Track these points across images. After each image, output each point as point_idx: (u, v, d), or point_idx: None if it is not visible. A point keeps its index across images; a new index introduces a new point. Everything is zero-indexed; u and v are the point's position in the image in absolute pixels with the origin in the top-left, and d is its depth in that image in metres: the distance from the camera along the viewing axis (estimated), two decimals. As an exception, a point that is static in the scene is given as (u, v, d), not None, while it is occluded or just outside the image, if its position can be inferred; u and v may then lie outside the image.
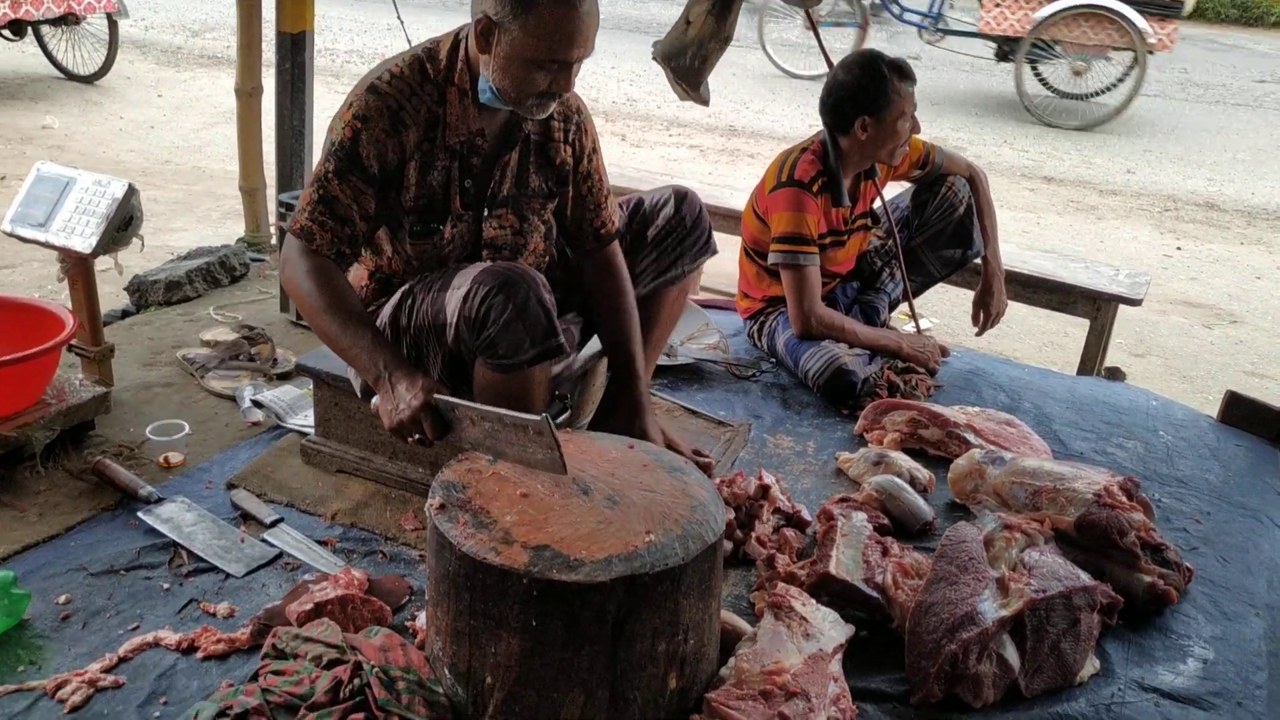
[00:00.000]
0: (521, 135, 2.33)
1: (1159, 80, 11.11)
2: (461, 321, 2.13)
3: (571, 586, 1.61)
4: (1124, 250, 6.20)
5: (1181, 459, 3.00)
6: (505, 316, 2.08)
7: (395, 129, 2.18)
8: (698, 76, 3.53)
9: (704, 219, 2.65)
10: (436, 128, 2.23)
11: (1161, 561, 2.32)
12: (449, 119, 2.23)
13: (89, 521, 2.36)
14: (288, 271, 2.23)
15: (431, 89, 2.22)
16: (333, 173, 2.18)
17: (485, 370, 2.18)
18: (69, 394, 2.62)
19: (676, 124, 8.42)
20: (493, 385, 2.18)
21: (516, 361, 2.12)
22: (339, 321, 2.14)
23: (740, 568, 2.34)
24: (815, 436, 2.99)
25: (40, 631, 2.00)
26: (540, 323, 2.10)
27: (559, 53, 2.09)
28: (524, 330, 2.09)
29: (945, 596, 2.04)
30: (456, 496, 1.80)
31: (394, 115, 2.18)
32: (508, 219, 2.38)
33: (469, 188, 2.30)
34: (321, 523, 2.42)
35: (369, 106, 2.17)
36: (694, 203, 2.64)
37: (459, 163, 2.27)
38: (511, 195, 2.36)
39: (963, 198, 3.46)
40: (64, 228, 2.68)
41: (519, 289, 2.08)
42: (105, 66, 8.33)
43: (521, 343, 2.10)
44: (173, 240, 5.06)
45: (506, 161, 2.33)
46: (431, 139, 2.23)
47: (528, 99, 2.16)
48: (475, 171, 2.30)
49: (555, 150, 2.40)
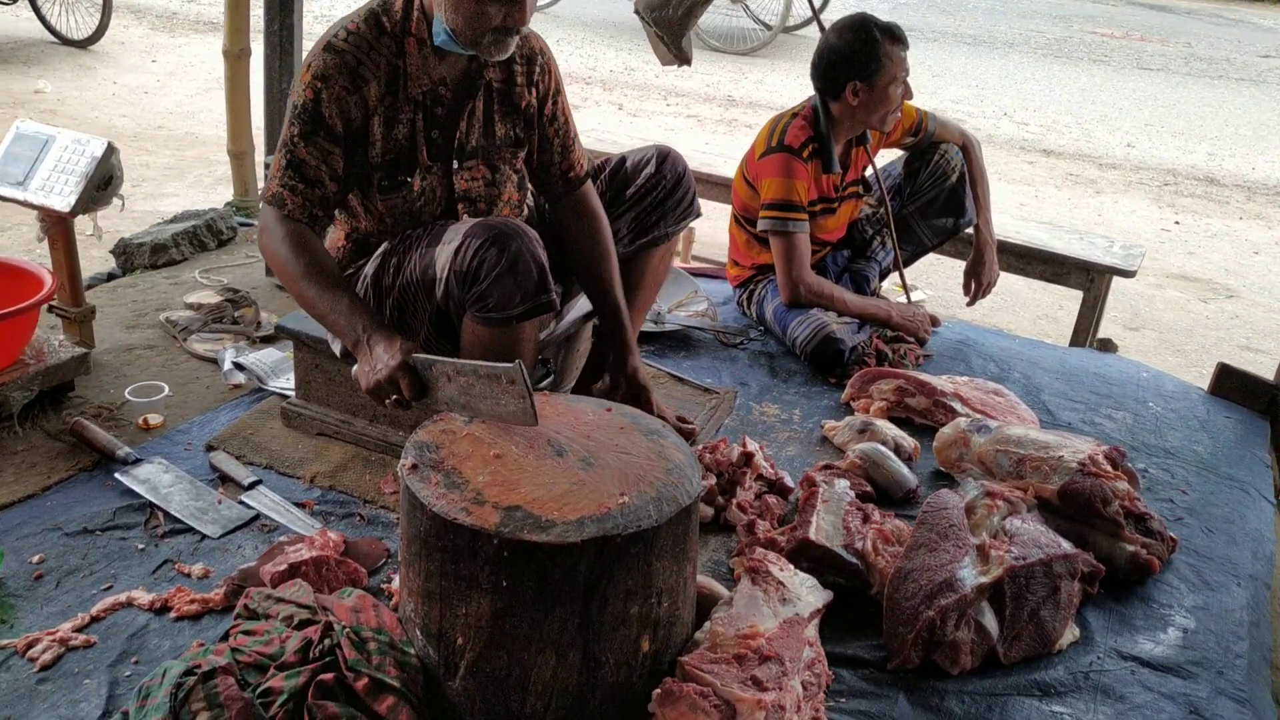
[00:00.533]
0: (483, 82, 2.31)
1: (1161, 54, 11.04)
2: (452, 275, 2.11)
3: (542, 547, 1.59)
4: (1122, 224, 6.16)
5: (1170, 430, 2.98)
6: (498, 270, 2.06)
7: (355, 85, 2.16)
8: (680, 28, 3.45)
9: (687, 179, 2.61)
10: (398, 80, 2.21)
11: (1145, 531, 2.30)
12: (409, 70, 2.21)
13: (66, 482, 2.34)
14: (264, 240, 2.22)
15: (389, 41, 2.19)
16: (298, 135, 2.16)
17: (474, 325, 2.15)
18: (48, 354, 2.60)
19: (675, 93, 8.36)
20: (481, 340, 2.15)
21: (506, 316, 2.10)
22: (316, 286, 2.12)
23: (722, 534, 2.33)
24: (801, 404, 2.97)
25: (13, 590, 1.99)
26: (532, 277, 2.08)
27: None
28: (515, 284, 2.07)
29: (924, 563, 2.02)
30: (429, 457, 1.78)
31: (353, 71, 2.15)
32: (479, 170, 2.35)
33: (436, 138, 2.28)
34: (300, 485, 2.40)
35: (327, 65, 2.15)
36: (676, 162, 2.59)
37: (423, 114, 2.25)
38: (480, 146, 2.34)
39: (955, 166, 3.42)
40: (42, 186, 2.65)
41: (512, 242, 2.06)
42: (99, 31, 8.27)
43: (513, 296, 2.08)
44: (164, 205, 5.03)
45: (471, 110, 2.30)
46: (394, 92, 2.21)
47: (483, 36, 2.12)
48: (441, 121, 2.28)
49: (519, 95, 2.37)
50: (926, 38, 10.94)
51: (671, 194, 2.58)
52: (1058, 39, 11.42)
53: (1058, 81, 9.63)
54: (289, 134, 2.18)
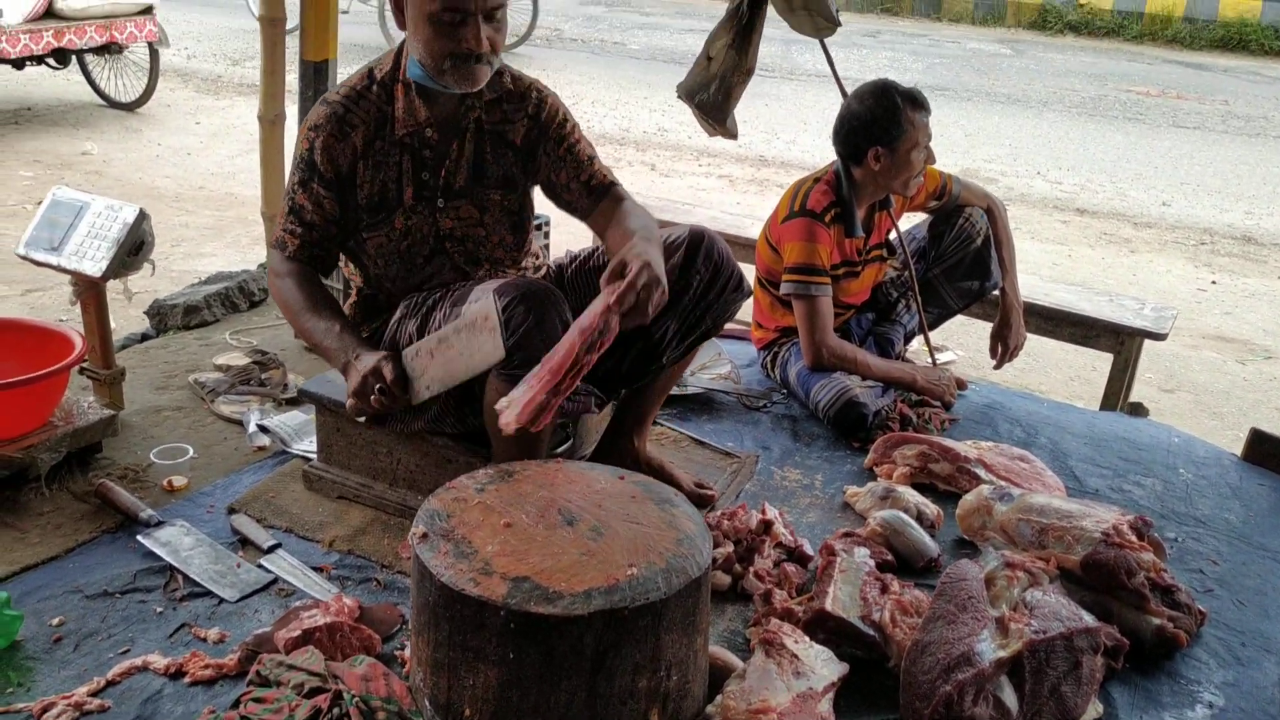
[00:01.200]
0: (470, 121, 2.36)
1: (1198, 112, 11.00)
2: None
3: (549, 619, 1.59)
4: (1157, 284, 6.10)
5: (1201, 498, 2.93)
6: (525, 326, 2.08)
7: (343, 132, 2.30)
8: (722, 111, 3.52)
9: (726, 263, 2.46)
10: (385, 125, 2.32)
11: (1172, 603, 2.26)
12: (396, 114, 2.32)
13: (89, 544, 2.37)
14: (271, 282, 2.40)
15: (379, 90, 2.32)
16: (297, 183, 2.33)
17: (497, 383, 2.16)
18: (77, 416, 2.65)
19: (706, 154, 8.42)
20: (501, 395, 2.16)
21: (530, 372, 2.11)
22: (313, 315, 2.30)
23: (739, 602, 2.31)
24: (824, 469, 2.95)
25: (31, 653, 2.01)
26: (557, 335, 2.09)
27: (455, 0, 2.13)
28: (541, 341, 2.08)
29: (942, 636, 1.99)
30: (440, 525, 1.78)
31: (340, 120, 2.30)
32: (466, 210, 2.40)
33: (426, 179, 2.36)
34: (319, 549, 2.41)
35: (319, 116, 2.31)
36: (711, 249, 2.44)
37: (410, 155, 2.34)
38: (468, 186, 2.39)
39: (980, 229, 3.42)
40: (76, 251, 2.72)
41: (540, 301, 2.10)
42: (146, 94, 8.48)
43: (538, 354, 2.09)
44: (202, 265, 5.12)
45: (459, 151, 2.36)
46: (381, 136, 2.33)
47: (443, 61, 2.19)
48: (429, 163, 2.36)
49: (513, 130, 2.41)
50: (960, 97, 10.97)
51: (712, 284, 2.46)
52: (1093, 97, 11.40)
53: (1092, 140, 9.61)
54: (290, 182, 2.36)
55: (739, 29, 3.38)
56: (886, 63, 12.59)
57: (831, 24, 3.26)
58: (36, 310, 4.48)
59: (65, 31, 7.59)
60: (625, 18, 14.99)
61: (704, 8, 16.66)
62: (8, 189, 6.30)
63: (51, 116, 8.20)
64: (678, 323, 2.47)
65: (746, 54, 3.45)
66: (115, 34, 7.86)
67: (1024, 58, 13.81)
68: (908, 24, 16.25)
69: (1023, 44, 14.91)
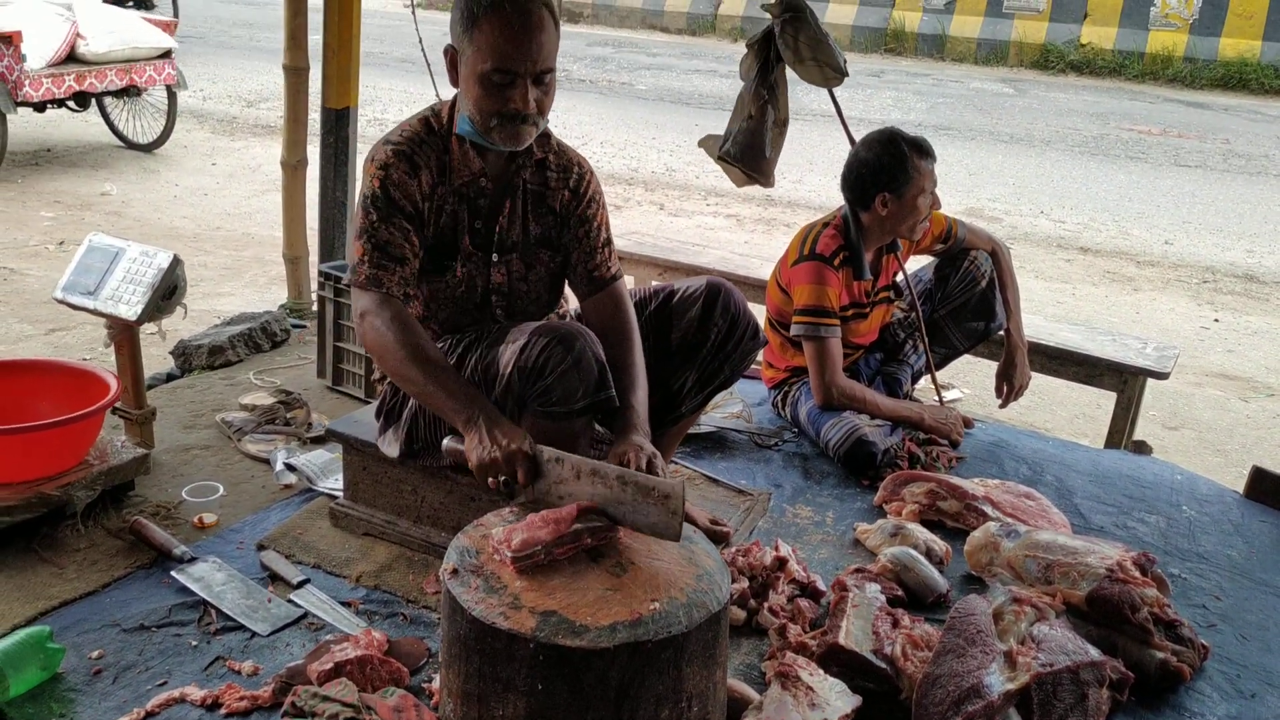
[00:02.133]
0: (520, 181, 2.44)
1: (1199, 150, 11.12)
2: (516, 371, 2.21)
3: (576, 652, 1.66)
4: (1160, 322, 6.18)
5: (1204, 534, 3.00)
6: (563, 366, 2.16)
7: (413, 171, 2.34)
8: (768, 164, 3.59)
9: (743, 316, 2.56)
10: (446, 173, 2.38)
11: (1175, 638, 2.32)
12: (453, 164, 2.38)
13: (124, 579, 2.45)
14: (366, 324, 2.28)
15: (437, 140, 2.38)
16: (377, 220, 2.31)
17: (534, 420, 2.24)
18: (111, 455, 2.73)
19: (714, 193, 8.55)
20: (540, 434, 2.20)
21: (568, 410, 2.19)
22: (422, 368, 2.19)
23: (754, 636, 2.38)
24: (835, 507, 3.02)
25: (73, 685, 2.08)
26: (593, 374, 2.18)
27: (505, 62, 2.19)
28: (579, 380, 2.17)
29: (952, 669, 2.06)
30: (470, 562, 1.86)
31: (409, 159, 2.34)
32: (515, 265, 2.48)
33: (479, 228, 2.43)
34: (346, 584, 2.49)
35: (387, 156, 2.34)
36: (729, 302, 2.54)
37: (466, 204, 2.41)
38: (519, 241, 2.47)
39: (985, 271, 3.51)
40: (112, 296, 2.81)
41: (576, 341, 2.17)
42: (164, 136, 8.64)
43: (575, 391, 2.17)
44: (220, 305, 5.22)
45: (509, 206, 2.44)
46: (443, 182, 2.39)
47: (490, 119, 2.25)
48: (483, 212, 2.43)
49: (552, 196, 2.49)
50: (964, 136, 11.11)
51: (730, 335, 2.55)
52: (1095, 136, 11.54)
53: (1094, 179, 9.73)
54: (367, 222, 2.31)
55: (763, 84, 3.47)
56: (890, 102, 12.75)
57: (840, 74, 3.37)
58: (60, 350, 4.58)
59: (87, 75, 7.74)
60: (632, 58, 15.20)
61: (710, 49, 16.91)
62: (29, 229, 6.43)
63: (71, 158, 8.36)
64: (696, 373, 2.57)
65: (777, 105, 3.55)
66: (135, 77, 8.02)
67: (1026, 97, 13.98)
68: (911, 64, 16.45)
69: (1025, 83, 15.09)
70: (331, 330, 3.54)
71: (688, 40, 18.13)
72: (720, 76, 14.22)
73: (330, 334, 3.55)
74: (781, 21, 3.36)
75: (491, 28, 2.18)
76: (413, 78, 12.57)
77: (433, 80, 4.19)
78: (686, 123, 10.93)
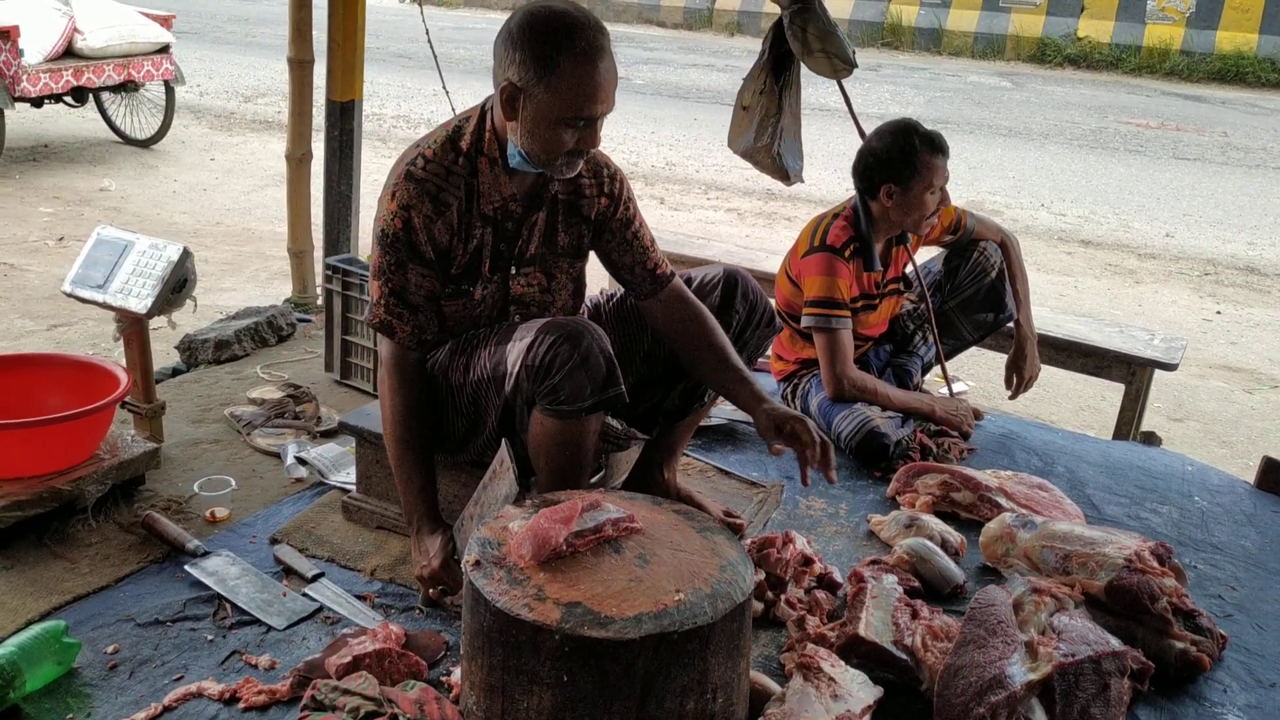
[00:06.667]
0: (550, 195, 2.41)
1: (1198, 144, 11.12)
2: (523, 370, 2.20)
3: (602, 643, 1.65)
4: (1163, 314, 6.19)
5: (1217, 525, 2.99)
6: (570, 364, 2.15)
7: (439, 210, 2.29)
8: (776, 155, 3.58)
9: (760, 303, 2.62)
10: (473, 198, 2.33)
11: (1194, 628, 2.32)
12: (482, 188, 2.33)
13: (138, 573, 2.43)
14: (381, 374, 2.38)
15: (464, 163, 2.32)
16: (394, 265, 2.30)
17: (543, 418, 2.23)
18: (121, 449, 2.71)
19: (715, 187, 8.54)
20: (549, 432, 2.23)
21: (576, 408, 2.18)
22: (400, 448, 2.34)
23: (772, 628, 2.37)
24: (847, 498, 3.01)
25: (89, 680, 2.07)
26: (601, 371, 2.17)
27: (584, 110, 2.17)
28: (586, 377, 2.16)
29: (974, 659, 2.05)
30: (492, 553, 1.85)
31: (434, 198, 2.28)
32: (535, 276, 2.45)
33: (502, 249, 2.39)
34: (361, 578, 2.48)
35: (411, 194, 2.28)
36: (746, 290, 2.60)
37: (493, 228, 2.37)
38: (540, 254, 2.44)
39: (994, 263, 3.50)
40: (121, 289, 2.79)
41: (584, 338, 2.16)
42: (161, 131, 8.61)
43: (583, 389, 2.16)
44: (222, 299, 5.20)
45: (536, 221, 2.41)
46: (470, 209, 2.33)
47: (557, 158, 2.24)
48: (508, 234, 2.39)
49: (587, 204, 2.47)
50: (963, 130, 11.10)
51: (749, 322, 2.61)
52: (1094, 130, 11.54)
53: (1094, 172, 9.73)
54: (384, 262, 2.30)
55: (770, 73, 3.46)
56: (888, 96, 12.75)
57: (849, 65, 3.36)
58: (63, 345, 4.56)
59: (84, 70, 7.72)
60: (629, 53, 15.16)
61: (706, 43, 16.90)
62: (29, 225, 6.40)
63: (69, 154, 8.32)
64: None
65: (787, 95, 3.54)
66: (133, 73, 7.99)
67: (1024, 90, 13.99)
68: (908, 57, 16.46)
69: (1022, 77, 15.10)
70: (339, 324, 3.52)
71: (684, 34, 18.12)
72: (717, 70, 14.22)
73: (338, 327, 3.53)
74: (790, 13, 3.35)
75: (576, 76, 2.14)
76: (409, 72, 12.54)
77: (441, 78, 4.18)
78: (685, 116, 10.92)
